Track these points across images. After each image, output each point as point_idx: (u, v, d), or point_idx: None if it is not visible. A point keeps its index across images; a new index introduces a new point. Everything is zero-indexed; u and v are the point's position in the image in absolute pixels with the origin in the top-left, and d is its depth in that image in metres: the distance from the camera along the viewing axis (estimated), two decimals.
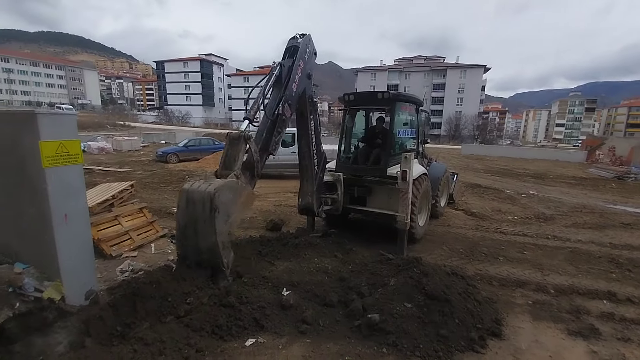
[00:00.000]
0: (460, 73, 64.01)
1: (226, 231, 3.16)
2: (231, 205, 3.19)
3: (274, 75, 4.14)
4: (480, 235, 6.31)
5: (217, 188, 2.95)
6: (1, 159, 2.93)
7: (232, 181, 3.24)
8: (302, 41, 4.62)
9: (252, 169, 3.67)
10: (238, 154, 3.44)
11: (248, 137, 3.47)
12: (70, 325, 2.87)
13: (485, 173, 16.46)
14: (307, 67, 4.67)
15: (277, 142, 4.15)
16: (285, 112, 4.14)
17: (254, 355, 2.65)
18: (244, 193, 3.37)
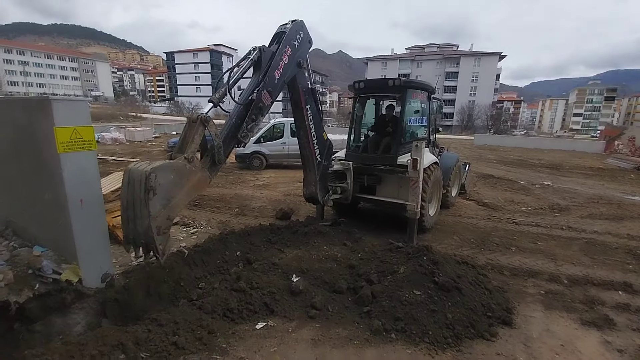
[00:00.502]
0: (474, 61, 62.31)
1: (164, 215, 2.86)
2: (173, 188, 2.89)
3: (249, 59, 3.85)
4: (492, 226, 6.22)
5: (154, 168, 2.70)
6: (18, 144, 3.01)
7: (175, 162, 2.97)
8: (290, 27, 4.36)
9: (214, 155, 3.43)
10: (194, 136, 3.18)
11: (205, 119, 3.21)
12: (88, 306, 2.98)
13: (498, 163, 16.13)
14: (296, 55, 4.42)
15: (250, 129, 3.90)
16: (263, 99, 3.91)
17: (265, 338, 2.69)
18: (193, 177, 3.08)
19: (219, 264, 4.06)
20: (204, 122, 3.20)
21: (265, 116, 4.15)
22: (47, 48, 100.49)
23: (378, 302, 3.25)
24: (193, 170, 3.08)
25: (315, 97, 5.13)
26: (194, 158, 3.15)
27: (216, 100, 3.44)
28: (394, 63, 66.44)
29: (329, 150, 5.41)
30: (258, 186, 9.60)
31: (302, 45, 4.53)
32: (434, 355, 2.67)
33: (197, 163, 3.21)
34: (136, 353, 2.24)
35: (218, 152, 3.42)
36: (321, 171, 5.29)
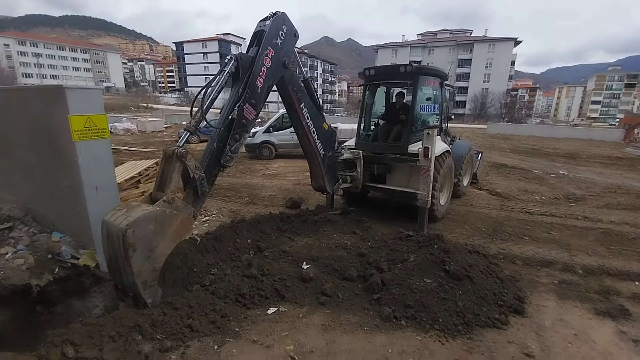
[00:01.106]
0: (489, 47, 60.41)
1: (148, 268, 2.67)
2: (154, 238, 2.69)
3: (225, 73, 3.34)
4: (504, 215, 6.12)
5: (129, 224, 2.48)
6: (34, 133, 3.08)
7: (153, 211, 2.70)
8: (270, 24, 3.82)
9: (196, 188, 3.13)
10: (171, 174, 2.91)
11: (181, 154, 2.90)
12: (105, 290, 3.08)
13: (512, 153, 15.78)
14: (280, 54, 3.96)
15: (234, 150, 3.50)
16: (245, 115, 3.51)
17: (276, 323, 2.74)
18: (175, 221, 2.84)
19: (230, 251, 4.12)
20: (181, 158, 2.92)
21: (250, 131, 3.75)
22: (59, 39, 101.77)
23: (388, 290, 3.26)
24: (174, 213, 2.82)
25: (310, 88, 4.81)
26: (174, 198, 2.86)
27: (192, 128, 3.07)
28: (405, 50, 64.99)
29: (332, 139, 5.23)
30: (268, 175, 9.65)
31: (286, 42, 4.04)
32: (444, 342, 2.67)
33: (178, 202, 2.91)
34: (152, 334, 2.32)
35: (201, 185, 3.13)
36: (327, 162, 5.16)
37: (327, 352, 2.42)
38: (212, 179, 3.35)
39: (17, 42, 78.29)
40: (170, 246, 2.87)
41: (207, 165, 3.28)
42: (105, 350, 2.11)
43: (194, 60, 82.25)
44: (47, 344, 2.11)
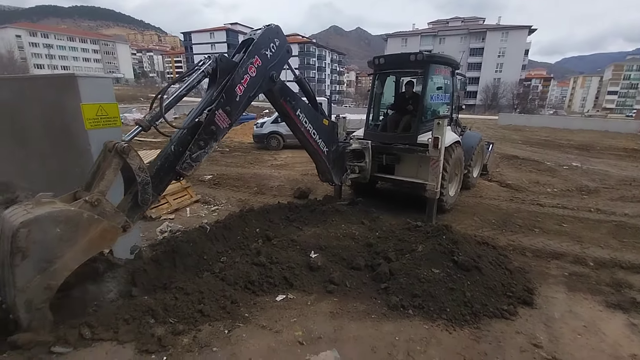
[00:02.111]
0: (502, 35, 58.79)
1: (39, 284, 2.06)
2: (58, 246, 2.11)
3: (199, 72, 3.01)
4: (514, 207, 6.05)
5: (25, 222, 1.96)
6: (47, 121, 3.13)
7: (65, 211, 2.15)
8: (261, 33, 3.60)
9: (137, 194, 2.58)
10: (104, 171, 2.38)
11: (122, 150, 2.37)
12: (119, 275, 3.15)
13: (523, 144, 15.49)
14: (268, 66, 3.65)
15: (196, 159, 3.03)
16: (216, 121, 3.13)
17: (285, 309, 2.79)
18: (94, 228, 2.25)
19: (239, 239, 4.18)
20: (121, 154, 2.39)
21: (219, 141, 3.27)
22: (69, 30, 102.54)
23: (396, 279, 3.27)
24: (95, 219, 2.25)
25: (305, 88, 4.61)
26: (100, 200, 2.31)
27: (146, 124, 2.59)
28: (415, 39, 63.67)
29: (334, 133, 5.06)
30: (276, 166, 9.68)
31: (276, 55, 3.75)
32: (451, 331, 2.68)
33: (106, 206, 2.37)
34: (165, 318, 2.38)
35: (143, 190, 2.56)
36: (332, 157, 5.03)
37: (334, 339, 2.46)
38: (161, 186, 2.85)
39: (29, 33, 79.15)
40: (80, 259, 2.25)
41: (157, 169, 2.78)
42: (120, 332, 2.18)
43: (201, 50, 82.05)
44: (66, 326, 2.18)
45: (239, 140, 14.36)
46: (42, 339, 2.04)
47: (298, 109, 4.34)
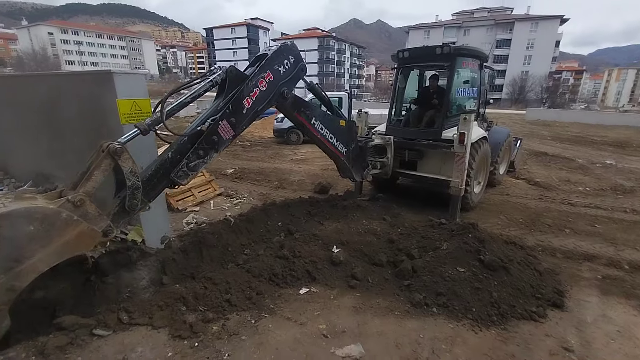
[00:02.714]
0: (531, 26, 56.05)
1: (3, 286, 1.91)
2: (29, 245, 1.97)
3: (207, 80, 2.95)
4: (543, 206, 5.82)
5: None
6: (85, 116, 3.29)
7: (41, 208, 2.03)
8: (275, 49, 3.55)
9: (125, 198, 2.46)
10: (93, 171, 2.28)
11: (115, 151, 2.27)
12: (150, 264, 3.30)
13: (553, 140, 14.81)
14: (280, 82, 3.57)
15: (193, 168, 2.89)
16: (219, 131, 3.03)
17: (308, 302, 2.83)
18: (71, 230, 2.09)
19: (262, 232, 4.27)
20: (113, 155, 2.28)
21: (219, 152, 3.19)
22: (98, 27, 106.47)
23: (419, 277, 3.24)
24: (74, 220, 2.09)
25: (318, 93, 4.50)
26: (84, 201, 2.17)
27: (144, 127, 2.51)
28: (438, 31, 61.81)
29: (352, 132, 4.90)
30: (296, 160, 9.75)
31: (289, 72, 3.66)
32: (477, 331, 2.64)
33: (89, 208, 2.23)
34: (195, 306, 2.48)
35: (132, 195, 2.44)
36: (352, 156, 4.93)
37: (358, 333, 2.48)
38: (152, 193, 2.71)
39: (60, 31, 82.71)
40: (50, 262, 2.06)
41: (150, 174, 2.67)
42: (154, 318, 2.29)
43: (223, 46, 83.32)
44: (105, 311, 2.32)
45: (259, 134, 14.54)
46: (85, 322, 2.17)
47: (313, 118, 4.22)
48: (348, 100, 13.73)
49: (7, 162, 5.25)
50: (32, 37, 72.89)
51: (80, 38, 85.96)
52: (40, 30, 76.91)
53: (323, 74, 76.87)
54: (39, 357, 1.90)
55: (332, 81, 74.62)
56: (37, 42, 65.70)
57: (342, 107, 13.58)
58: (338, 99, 13.76)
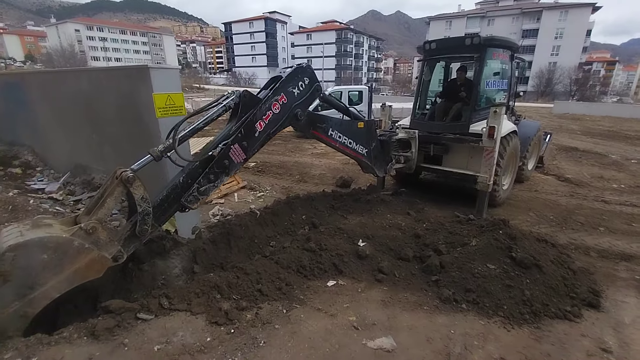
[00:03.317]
0: (560, 15, 53.33)
1: (17, 312, 1.98)
2: (42, 273, 2.05)
3: (220, 106, 2.93)
4: (575, 203, 5.60)
5: (13, 246, 1.95)
6: (122, 110, 3.41)
7: (54, 238, 2.09)
8: (290, 71, 3.55)
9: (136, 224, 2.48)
10: (106, 198, 2.34)
11: (127, 179, 2.34)
12: (182, 253, 3.42)
13: (583, 135, 14.16)
14: (293, 104, 3.53)
15: (204, 192, 2.90)
16: (231, 155, 3.01)
17: (337, 294, 2.86)
18: (83, 258, 2.17)
19: (286, 225, 4.32)
20: (126, 183, 2.34)
21: (231, 175, 3.18)
22: (121, 24, 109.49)
23: (447, 273, 3.21)
24: (85, 248, 2.17)
25: (332, 103, 4.44)
26: (96, 228, 2.24)
27: (157, 154, 2.54)
28: (461, 22, 59.87)
29: (371, 131, 4.81)
30: (316, 154, 9.77)
31: (304, 93, 3.62)
32: (509, 329, 2.60)
33: (101, 235, 2.29)
34: (229, 295, 2.56)
35: (142, 221, 2.47)
36: (374, 154, 4.86)
37: (389, 326, 2.49)
38: (162, 217, 2.76)
39: (86, 28, 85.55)
40: (62, 289, 2.13)
41: (162, 199, 2.71)
42: (192, 304, 2.38)
43: (241, 40, 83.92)
44: (148, 296, 2.44)
45: None
46: (130, 306, 2.29)
47: (329, 129, 4.17)
48: (369, 94, 13.63)
49: (46, 154, 5.53)
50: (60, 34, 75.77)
51: (104, 34, 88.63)
52: (67, 28, 79.81)
53: (340, 67, 76.20)
54: (90, 337, 2.02)
55: (349, 74, 73.89)
56: (65, 39, 68.23)
57: (363, 101, 13.46)
58: (358, 93, 13.64)
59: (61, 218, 2.39)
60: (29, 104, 5.31)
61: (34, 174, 5.42)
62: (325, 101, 4.35)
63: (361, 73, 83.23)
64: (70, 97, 4.22)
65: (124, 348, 1.99)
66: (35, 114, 5.26)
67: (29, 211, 3.53)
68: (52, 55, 60.45)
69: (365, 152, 4.71)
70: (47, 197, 4.23)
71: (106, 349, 1.97)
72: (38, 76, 5.77)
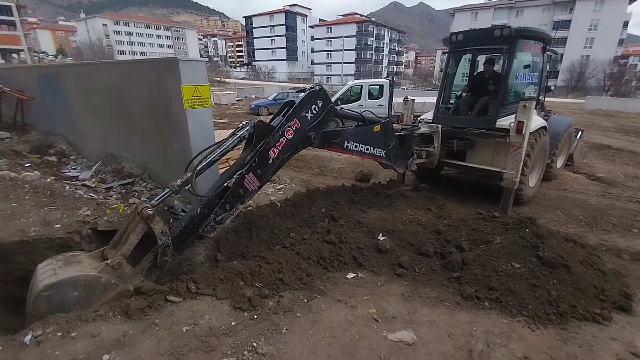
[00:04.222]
0: (595, 5, 50.27)
1: None
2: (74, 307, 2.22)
3: (235, 137, 2.97)
4: (607, 203, 5.34)
5: (48, 285, 2.13)
6: (151, 101, 3.53)
7: (84, 276, 2.27)
8: (302, 95, 3.53)
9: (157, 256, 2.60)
10: (129, 235, 2.47)
11: (148, 217, 2.44)
12: (206, 241, 3.53)
13: (617, 132, 13.41)
14: (307, 128, 3.52)
15: (220, 221, 2.95)
16: (246, 184, 3.04)
17: (357, 287, 2.88)
18: (110, 293, 2.35)
19: (306, 217, 4.37)
20: (146, 221, 2.45)
21: (246, 204, 3.26)
22: (146, 18, 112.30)
23: (469, 270, 3.16)
24: (111, 283, 2.36)
25: (347, 116, 4.36)
26: (121, 264, 2.41)
27: (176, 188, 2.60)
28: (487, 13, 57.56)
29: (388, 132, 4.68)
30: None
31: (317, 116, 3.59)
32: (534, 329, 2.53)
33: (126, 269, 2.45)
34: (252, 282, 2.63)
35: (163, 252, 2.60)
36: (393, 153, 4.77)
37: (409, 320, 2.49)
38: (182, 247, 2.83)
39: (113, 22, 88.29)
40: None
41: (180, 230, 2.78)
42: (217, 290, 2.47)
43: (261, 34, 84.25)
44: (176, 280, 2.55)
45: None
46: (160, 288, 2.40)
47: (344, 142, 4.13)
48: (389, 88, 13.40)
49: (79, 143, 5.81)
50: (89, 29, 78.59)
51: (130, 29, 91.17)
52: (96, 22, 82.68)
53: (360, 60, 75.21)
54: (123, 316, 2.14)
55: (369, 68, 72.85)
56: (94, 33, 70.78)
57: (384, 95, 13.29)
58: (379, 87, 13.47)
59: (89, 253, 2.62)
60: (63, 96, 5.57)
61: (68, 162, 5.71)
62: (340, 117, 4.29)
63: (381, 67, 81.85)
64: (101, 89, 4.40)
65: (155, 327, 2.09)
66: (69, 105, 5.52)
67: (65, 197, 3.73)
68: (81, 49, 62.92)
69: (384, 153, 4.64)
70: (80, 184, 4.45)
71: (139, 328, 2.07)
72: (72, 68, 6.04)
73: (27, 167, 5.15)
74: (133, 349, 1.94)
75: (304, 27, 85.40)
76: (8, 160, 5.28)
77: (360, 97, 12.22)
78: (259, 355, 1.99)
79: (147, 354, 1.91)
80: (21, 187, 3.90)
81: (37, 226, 3.18)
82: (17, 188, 3.89)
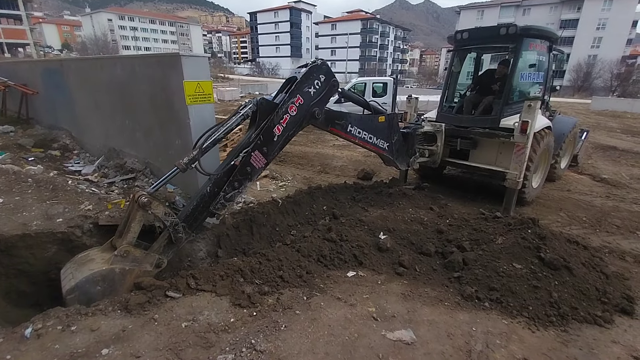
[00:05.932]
0: (604, 4, 49.58)
1: None
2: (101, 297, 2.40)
3: (239, 115, 3.00)
4: (611, 205, 5.29)
5: (70, 288, 2.32)
6: (154, 96, 3.52)
7: (99, 272, 2.41)
8: (304, 71, 3.46)
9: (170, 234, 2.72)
10: (130, 224, 2.55)
11: (143, 204, 2.48)
12: (207, 238, 3.54)
13: (623, 133, 13.26)
14: (310, 104, 3.48)
15: (230, 199, 3.03)
16: (252, 162, 3.09)
17: (357, 285, 2.87)
18: (129, 278, 2.51)
19: (307, 215, 4.37)
20: (143, 207, 2.50)
21: (254, 180, 3.31)
22: (151, 14, 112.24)
23: (470, 270, 3.14)
24: (126, 270, 2.50)
25: (353, 98, 4.29)
26: (129, 251, 2.51)
27: (183, 166, 2.67)
28: (494, 11, 56.97)
29: (392, 125, 4.65)
30: (338, 146, 9.72)
31: (320, 92, 3.54)
32: (534, 330, 2.52)
33: (135, 253, 2.56)
34: (252, 279, 2.63)
35: (175, 231, 2.70)
36: (395, 147, 4.75)
37: (408, 319, 2.48)
38: (195, 224, 2.93)
39: (118, 17, 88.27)
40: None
41: (192, 208, 2.89)
42: (217, 286, 2.48)
43: (265, 30, 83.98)
44: (176, 276, 2.56)
45: None
46: (160, 284, 2.41)
47: (348, 125, 4.10)
48: (393, 86, 13.35)
49: (82, 138, 5.84)
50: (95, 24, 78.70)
51: (135, 24, 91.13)
52: (101, 17, 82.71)
53: (365, 58, 74.82)
54: (123, 311, 2.15)
55: (373, 66, 72.48)
56: (99, 28, 70.87)
57: (387, 93, 13.22)
58: (383, 84, 13.39)
59: (100, 247, 2.76)
60: (67, 90, 5.59)
61: (71, 156, 5.74)
62: (344, 96, 4.27)
63: (386, 64, 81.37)
64: (105, 84, 4.41)
65: (154, 323, 2.10)
66: (73, 99, 5.54)
67: (68, 191, 3.76)
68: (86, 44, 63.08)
69: (386, 146, 4.61)
70: (83, 179, 4.48)
71: (138, 323, 2.08)
72: (75, 63, 6.05)
73: (31, 161, 5.19)
74: (132, 343, 1.94)
75: (308, 24, 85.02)
76: (12, 154, 5.32)
77: (364, 94, 12.14)
78: (257, 352, 1.99)
79: (145, 349, 1.92)
80: (24, 181, 3.93)
81: (39, 220, 3.20)
82: (20, 182, 3.91)
